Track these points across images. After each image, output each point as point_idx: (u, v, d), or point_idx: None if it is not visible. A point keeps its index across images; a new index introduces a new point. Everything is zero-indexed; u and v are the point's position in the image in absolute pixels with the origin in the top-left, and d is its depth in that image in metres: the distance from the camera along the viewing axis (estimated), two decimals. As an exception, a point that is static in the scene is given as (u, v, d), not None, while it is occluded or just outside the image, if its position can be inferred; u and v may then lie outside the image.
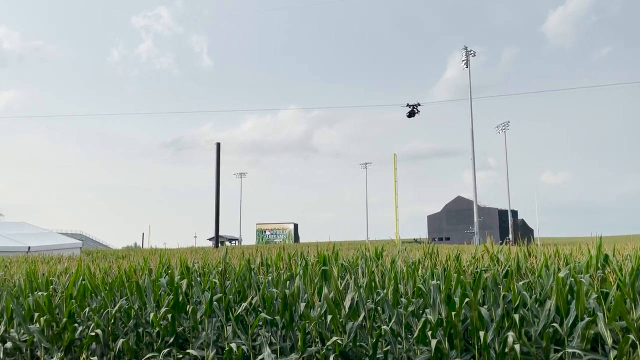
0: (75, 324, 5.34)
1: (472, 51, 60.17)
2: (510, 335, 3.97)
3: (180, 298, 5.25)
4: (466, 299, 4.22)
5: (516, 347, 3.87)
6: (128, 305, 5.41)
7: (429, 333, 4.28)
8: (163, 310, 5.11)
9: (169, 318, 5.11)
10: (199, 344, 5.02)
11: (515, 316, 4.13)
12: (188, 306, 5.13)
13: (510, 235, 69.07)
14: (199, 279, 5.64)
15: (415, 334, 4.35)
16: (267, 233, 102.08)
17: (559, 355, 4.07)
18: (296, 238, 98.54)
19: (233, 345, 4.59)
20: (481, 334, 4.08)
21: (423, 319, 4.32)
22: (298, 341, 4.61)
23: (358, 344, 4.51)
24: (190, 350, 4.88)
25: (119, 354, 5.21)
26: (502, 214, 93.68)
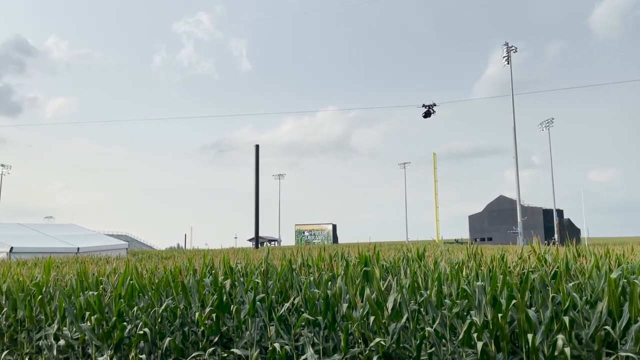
0: (124, 323, 5.50)
1: (514, 47, 58.94)
2: (560, 338, 3.85)
3: (224, 298, 5.34)
4: (513, 301, 4.11)
5: (566, 351, 3.75)
6: (174, 304, 5.53)
7: (475, 335, 4.20)
8: (208, 309, 5.20)
9: (214, 317, 5.20)
10: (242, 343, 5.09)
11: (565, 318, 4.00)
12: (232, 306, 5.21)
13: (556, 236, 66.97)
14: (242, 279, 5.71)
15: (460, 336, 4.27)
16: (306, 234, 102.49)
17: (611, 358, 3.93)
18: (335, 239, 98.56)
19: (276, 345, 4.63)
20: (529, 336, 3.97)
21: (468, 321, 4.24)
22: (341, 342, 4.61)
23: (401, 345, 4.47)
24: (234, 350, 4.95)
25: (166, 352, 5.33)
26: (547, 213, 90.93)
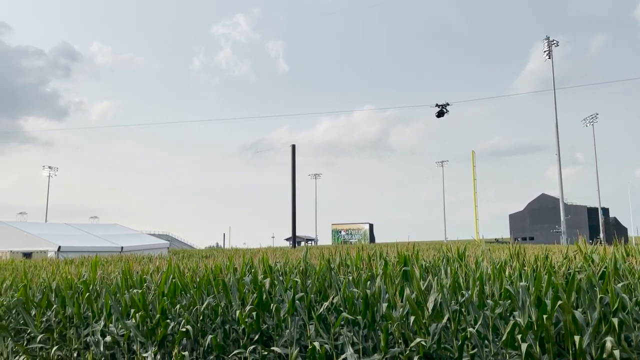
0: (167, 320, 5.63)
1: (555, 41, 57.34)
2: (609, 340, 3.72)
3: (264, 296, 5.39)
4: (559, 302, 4.00)
5: (615, 353, 3.62)
6: (215, 302, 5.62)
7: (519, 337, 4.10)
8: (248, 308, 5.27)
9: (254, 316, 5.26)
10: (282, 341, 5.13)
11: (614, 320, 3.86)
12: (272, 304, 5.26)
13: (602, 235, 64.72)
14: (281, 278, 5.76)
15: (503, 337, 4.18)
16: (343, 233, 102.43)
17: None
18: (372, 238, 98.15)
19: (316, 344, 4.64)
20: (576, 338, 3.85)
21: (512, 322, 4.14)
22: (380, 342, 4.58)
23: (443, 346, 4.41)
24: (274, 348, 5.00)
25: (208, 349, 5.43)
26: (592, 212, 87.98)
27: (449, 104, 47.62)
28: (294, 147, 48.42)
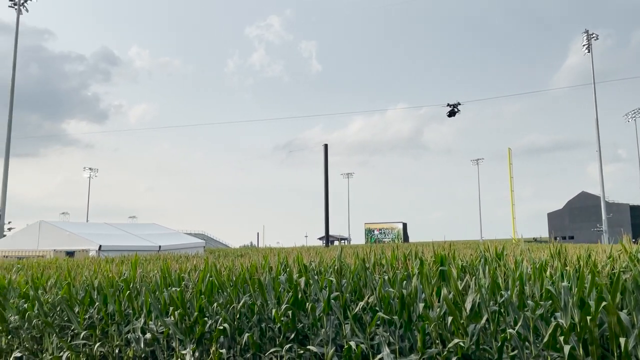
0: (205, 318, 5.72)
1: (595, 34, 55.76)
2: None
3: (299, 295, 5.41)
4: (603, 303, 3.87)
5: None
6: (251, 301, 5.68)
7: (561, 338, 3.99)
8: (284, 306, 5.30)
9: (290, 314, 5.29)
10: (318, 340, 5.14)
11: (663, 323, 3.71)
12: (307, 303, 5.28)
13: (646, 234, 62.37)
14: (316, 277, 5.77)
15: (545, 339, 4.08)
16: (376, 232, 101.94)
17: None
18: (405, 238, 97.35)
19: (352, 344, 4.63)
20: (621, 340, 3.72)
21: (554, 323, 4.04)
22: (417, 342, 4.54)
23: (481, 347, 4.34)
24: (310, 347, 5.01)
25: (245, 347, 5.49)
26: (635, 210, 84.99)
27: (460, 104, 48.33)
28: (326, 147, 48.50)
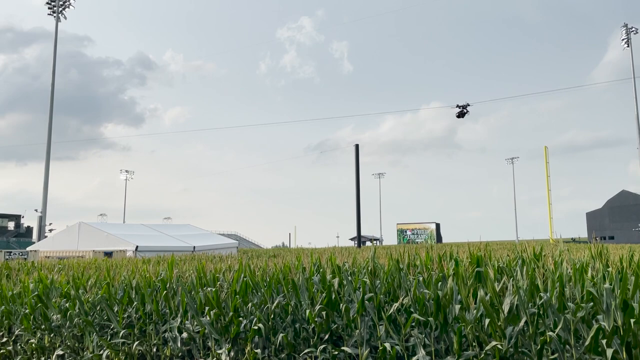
0: (240, 318, 5.77)
1: (634, 28, 54.03)
2: None
3: (333, 296, 5.41)
4: (649, 306, 3.73)
5: None
6: (285, 301, 5.71)
7: (603, 342, 3.87)
8: (317, 307, 5.30)
9: (323, 315, 5.29)
10: (352, 341, 5.12)
11: None
12: (341, 304, 5.26)
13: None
14: (349, 277, 5.75)
15: (586, 342, 3.96)
16: (408, 233, 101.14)
17: None
18: (438, 238, 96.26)
19: (387, 345, 4.60)
20: (669, 345, 3.58)
21: (596, 326, 3.91)
22: (453, 344, 4.47)
23: (520, 350, 4.24)
24: (345, 348, 5.00)
25: (279, 347, 5.52)
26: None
27: (469, 104, 48.62)
28: (357, 147, 48.35)
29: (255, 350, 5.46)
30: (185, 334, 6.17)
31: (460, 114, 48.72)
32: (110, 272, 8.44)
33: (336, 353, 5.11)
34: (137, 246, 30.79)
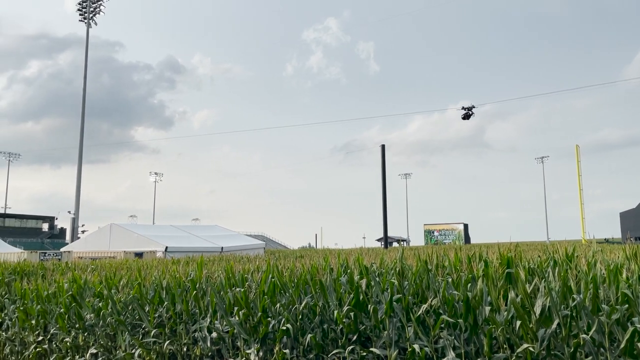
0: (268, 318, 5.81)
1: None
2: None
3: (361, 297, 5.40)
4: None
5: None
6: (313, 302, 5.72)
7: (639, 344, 3.77)
8: (345, 308, 5.30)
9: (351, 316, 5.28)
10: (381, 343, 5.10)
11: None
12: (369, 305, 5.25)
13: None
14: (377, 278, 5.73)
15: (621, 345, 3.86)
16: (436, 234, 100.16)
17: None
18: (467, 239, 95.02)
19: (416, 346, 4.57)
20: None
21: (631, 329, 3.82)
22: (484, 346, 4.42)
23: (552, 352, 4.16)
24: (373, 349, 4.99)
25: (307, 348, 5.54)
26: None
27: (474, 107, 49.96)
28: (383, 148, 48.08)
29: (284, 351, 5.49)
30: (214, 334, 6.24)
31: (466, 116, 50.15)
32: (141, 273, 8.61)
33: (364, 354, 5.10)
34: (167, 247, 31.30)
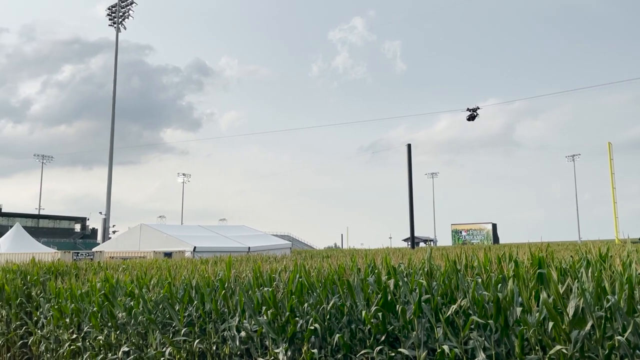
0: (296, 318, 5.84)
1: None
2: None
3: (389, 297, 5.38)
4: None
5: None
6: (341, 302, 5.73)
7: (679, 348, 3.66)
8: (373, 308, 5.29)
9: (379, 316, 5.27)
10: (409, 343, 5.08)
11: None
12: (397, 306, 5.23)
13: None
14: (405, 279, 5.70)
15: (659, 348, 3.75)
16: (463, 234, 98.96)
17: None
18: (495, 239, 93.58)
19: (445, 347, 4.54)
20: None
21: (669, 332, 3.71)
22: (515, 347, 4.35)
23: (586, 354, 4.07)
24: (402, 350, 4.97)
25: (335, 347, 5.55)
26: None
27: (479, 108, 50.55)
28: (409, 147, 47.73)
29: (312, 350, 5.51)
30: (243, 333, 6.30)
31: (471, 117, 50.87)
32: (171, 272, 8.74)
33: (393, 355, 5.09)
34: (195, 247, 31.73)
